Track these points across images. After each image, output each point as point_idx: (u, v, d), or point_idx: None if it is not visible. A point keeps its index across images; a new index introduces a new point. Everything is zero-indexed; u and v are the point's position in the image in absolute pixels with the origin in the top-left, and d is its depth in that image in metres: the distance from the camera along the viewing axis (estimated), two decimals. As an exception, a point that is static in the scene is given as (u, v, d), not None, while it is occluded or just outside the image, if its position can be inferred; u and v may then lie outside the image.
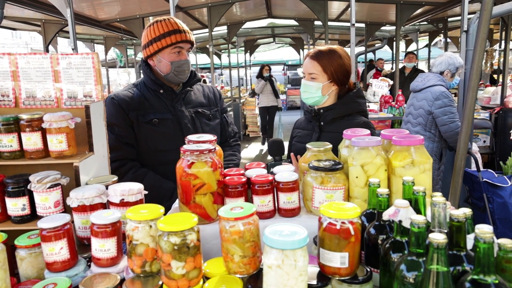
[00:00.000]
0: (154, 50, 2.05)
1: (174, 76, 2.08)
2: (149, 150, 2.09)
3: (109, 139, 1.86)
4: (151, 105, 2.09)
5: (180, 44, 2.05)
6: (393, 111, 5.36)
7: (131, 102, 2.07)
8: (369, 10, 8.25)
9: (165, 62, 2.06)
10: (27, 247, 1.28)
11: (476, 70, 1.73)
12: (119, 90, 2.18)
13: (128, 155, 2.06)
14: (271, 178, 1.40)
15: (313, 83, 1.93)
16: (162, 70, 2.09)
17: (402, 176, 1.22)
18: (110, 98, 2.07)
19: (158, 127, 2.07)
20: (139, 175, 2.01)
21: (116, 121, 2.02)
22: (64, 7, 4.28)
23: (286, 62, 21.15)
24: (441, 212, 0.98)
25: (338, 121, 1.91)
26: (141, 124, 2.05)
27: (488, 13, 1.59)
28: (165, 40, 2.02)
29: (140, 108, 2.07)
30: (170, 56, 2.05)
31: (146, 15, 7.34)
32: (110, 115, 1.99)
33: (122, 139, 2.04)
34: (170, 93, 2.13)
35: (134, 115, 2.05)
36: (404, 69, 7.66)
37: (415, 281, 0.91)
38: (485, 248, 0.82)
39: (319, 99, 1.96)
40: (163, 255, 1.05)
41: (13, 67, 1.66)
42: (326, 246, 1.03)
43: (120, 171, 1.98)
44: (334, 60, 1.90)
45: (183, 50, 2.08)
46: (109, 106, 2.03)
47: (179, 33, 2.04)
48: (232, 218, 1.07)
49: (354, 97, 1.96)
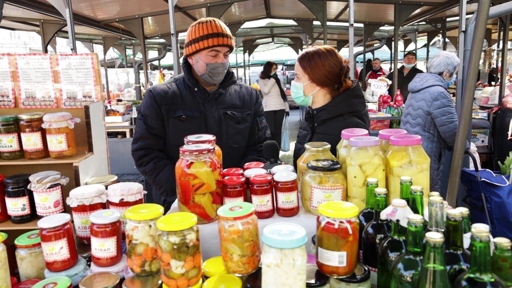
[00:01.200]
0: (193, 51, 2.12)
1: (209, 77, 2.14)
2: (175, 144, 2.16)
3: (140, 128, 2.08)
4: (184, 101, 2.17)
5: (217, 48, 2.10)
6: (391, 111, 5.38)
7: (165, 96, 2.15)
8: (367, 10, 8.26)
9: (201, 63, 2.12)
10: (27, 247, 1.28)
11: (473, 70, 1.74)
12: (159, 84, 2.27)
13: (154, 145, 2.15)
14: (270, 178, 1.41)
15: (296, 83, 2.01)
16: (198, 70, 2.16)
17: (400, 176, 1.23)
18: (149, 91, 2.18)
19: (185, 123, 2.14)
20: (159, 166, 2.09)
21: (149, 113, 2.13)
22: (63, 7, 4.28)
23: (285, 62, 21.18)
24: (438, 212, 0.99)
25: (329, 123, 1.93)
26: (171, 118, 2.14)
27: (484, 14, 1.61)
28: (203, 42, 2.09)
29: (172, 103, 2.15)
30: (207, 58, 2.11)
31: (144, 15, 7.34)
32: (145, 105, 2.14)
33: (152, 130, 2.13)
34: (204, 92, 2.20)
35: (166, 109, 2.14)
36: (402, 69, 7.68)
37: (412, 279, 0.92)
38: (482, 247, 0.83)
39: (304, 99, 2.01)
40: (163, 255, 1.05)
41: (12, 68, 1.67)
42: (325, 245, 1.04)
43: (143, 159, 2.10)
44: (313, 61, 1.93)
45: (220, 53, 2.13)
46: (146, 98, 2.16)
47: (217, 37, 2.09)
48: (231, 218, 1.08)
49: (347, 97, 1.96)
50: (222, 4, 6.86)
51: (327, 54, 1.95)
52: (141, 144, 2.11)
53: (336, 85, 1.96)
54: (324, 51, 1.96)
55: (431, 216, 1.00)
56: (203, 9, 7.18)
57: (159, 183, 2.07)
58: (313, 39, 10.27)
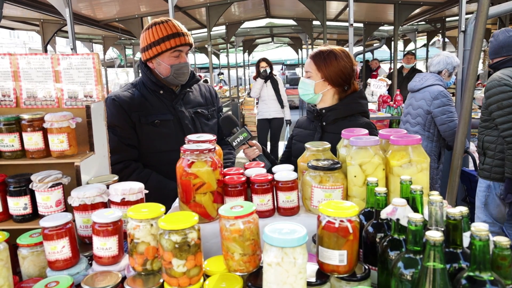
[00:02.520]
0: (154, 54, 2.06)
1: (174, 79, 2.09)
2: (151, 150, 2.10)
3: (111, 141, 1.85)
4: (152, 106, 2.10)
5: (180, 48, 2.06)
6: (391, 111, 5.39)
7: (132, 103, 2.06)
8: (367, 10, 8.27)
9: (164, 65, 2.06)
10: (29, 246, 1.29)
11: (473, 70, 1.75)
12: (119, 91, 2.16)
13: (131, 157, 2.06)
14: (271, 177, 1.41)
15: (307, 80, 2.00)
16: (161, 73, 2.10)
17: (400, 175, 1.24)
18: (112, 99, 2.06)
19: (159, 128, 2.08)
20: (143, 177, 2.01)
21: (118, 123, 2.02)
22: (63, 7, 4.28)
23: (285, 61, 21.19)
24: (438, 211, 1.00)
25: (340, 122, 1.93)
26: (143, 125, 2.06)
27: (484, 14, 1.61)
28: (164, 44, 2.03)
29: (141, 109, 2.07)
30: (170, 59, 2.05)
31: (144, 15, 7.34)
32: (112, 116, 1.99)
33: (125, 140, 2.04)
34: (170, 94, 2.14)
35: (136, 116, 2.05)
36: (402, 69, 7.69)
37: (412, 278, 0.93)
38: (481, 245, 0.84)
39: (313, 97, 2.01)
40: (164, 253, 1.06)
41: (14, 68, 1.67)
42: (325, 244, 1.05)
43: (124, 173, 1.98)
44: (329, 60, 1.94)
45: (182, 53, 2.08)
46: (111, 107, 2.02)
47: (178, 37, 2.04)
48: (232, 217, 1.09)
49: (356, 98, 1.99)
50: (222, 4, 6.87)
51: (342, 54, 1.97)
52: (117, 157, 1.95)
53: (346, 87, 1.98)
54: (339, 51, 1.98)
55: (431, 215, 1.01)
56: (203, 9, 7.20)
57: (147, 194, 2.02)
58: (312, 39, 10.28)
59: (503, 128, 2.84)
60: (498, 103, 2.85)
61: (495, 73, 2.98)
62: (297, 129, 2.18)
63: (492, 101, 2.88)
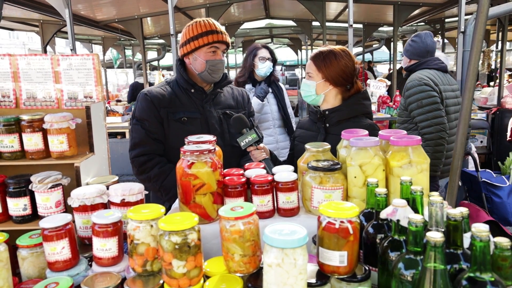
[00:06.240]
0: (191, 49, 2.11)
1: (208, 75, 2.13)
2: (176, 147, 2.10)
3: (138, 133, 1.97)
4: (182, 103, 2.15)
5: (216, 44, 2.11)
6: (390, 112, 5.39)
7: (163, 99, 2.12)
8: (366, 10, 8.27)
9: (200, 61, 2.11)
10: (29, 247, 1.29)
11: (473, 71, 1.74)
12: (152, 87, 2.23)
13: (155, 150, 2.10)
14: (271, 178, 1.41)
15: (309, 81, 2.00)
16: (196, 68, 2.14)
17: (400, 176, 1.24)
18: (144, 94, 2.12)
19: (186, 125, 2.12)
20: (165, 170, 2.05)
21: (147, 117, 2.08)
22: (62, 8, 4.28)
23: (284, 62, 21.18)
24: (438, 211, 1.00)
25: (344, 123, 1.93)
26: (171, 121, 2.11)
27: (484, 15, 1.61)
28: (202, 39, 2.08)
29: (171, 105, 2.12)
30: (206, 55, 2.11)
31: (144, 16, 7.35)
32: (142, 110, 2.07)
33: (152, 134, 2.09)
34: (201, 93, 2.18)
35: (165, 112, 2.10)
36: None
37: (412, 279, 0.93)
38: (482, 246, 0.84)
39: (315, 98, 2.01)
40: (164, 254, 1.06)
41: (13, 68, 1.67)
42: (325, 245, 1.04)
43: (147, 165, 2.04)
44: (328, 60, 1.94)
45: (218, 50, 2.13)
46: (142, 102, 2.10)
47: (216, 34, 2.10)
48: (233, 218, 1.08)
49: (360, 99, 1.99)
50: (222, 4, 6.87)
51: (342, 53, 1.96)
52: (141, 150, 2.04)
53: (349, 86, 1.98)
54: (339, 50, 1.98)
55: (431, 216, 1.00)
56: (203, 10, 7.19)
57: (166, 189, 2.02)
58: (312, 40, 10.28)
59: (422, 126, 2.94)
60: (418, 102, 2.95)
61: (415, 73, 3.09)
62: (299, 130, 2.18)
63: (412, 100, 2.99)
